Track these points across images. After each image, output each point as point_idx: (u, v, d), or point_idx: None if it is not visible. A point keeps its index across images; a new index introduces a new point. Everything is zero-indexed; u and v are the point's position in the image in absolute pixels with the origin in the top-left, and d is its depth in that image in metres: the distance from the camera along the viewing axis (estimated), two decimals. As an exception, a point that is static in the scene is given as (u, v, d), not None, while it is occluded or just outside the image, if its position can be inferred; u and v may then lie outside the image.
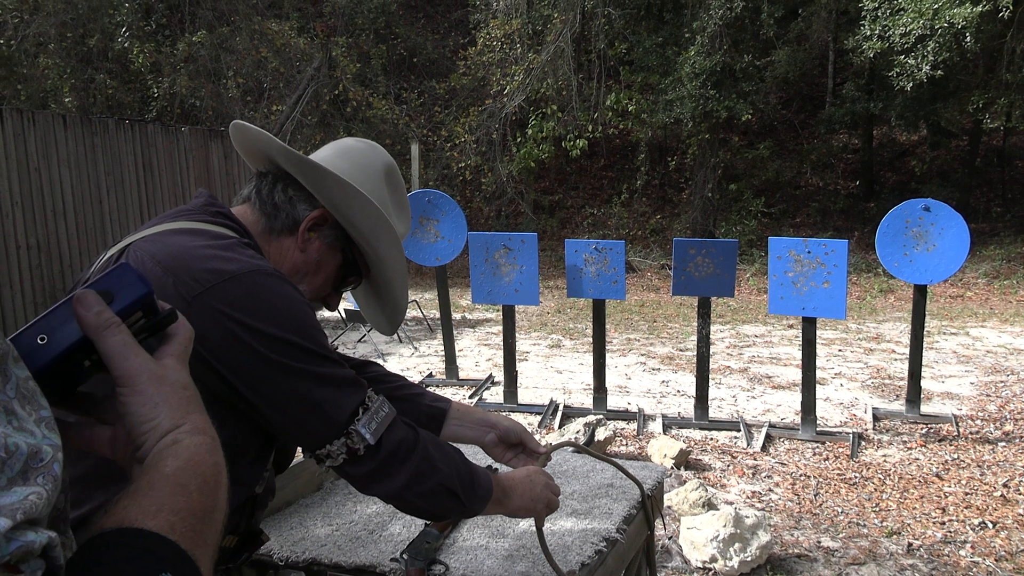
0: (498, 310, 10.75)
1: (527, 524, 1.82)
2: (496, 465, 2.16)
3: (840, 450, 5.39)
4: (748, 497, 4.64)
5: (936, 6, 12.00)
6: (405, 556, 1.61)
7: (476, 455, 1.93)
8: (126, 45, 16.08)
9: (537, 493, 1.55)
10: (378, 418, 1.29)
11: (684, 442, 5.37)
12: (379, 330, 1.71)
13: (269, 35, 16.33)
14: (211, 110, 16.26)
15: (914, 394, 5.90)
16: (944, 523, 4.24)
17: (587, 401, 6.49)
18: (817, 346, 5.69)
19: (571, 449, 2.48)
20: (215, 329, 1.17)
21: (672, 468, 4.97)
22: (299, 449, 1.47)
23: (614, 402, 6.49)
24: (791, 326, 9.94)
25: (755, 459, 5.26)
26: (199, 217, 1.33)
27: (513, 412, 6.29)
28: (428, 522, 1.74)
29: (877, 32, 13.13)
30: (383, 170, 1.55)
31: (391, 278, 1.55)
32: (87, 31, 15.98)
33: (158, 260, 1.20)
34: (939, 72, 12.80)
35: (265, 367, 1.20)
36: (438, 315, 8.04)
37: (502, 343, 6.46)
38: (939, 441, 5.55)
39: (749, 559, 3.62)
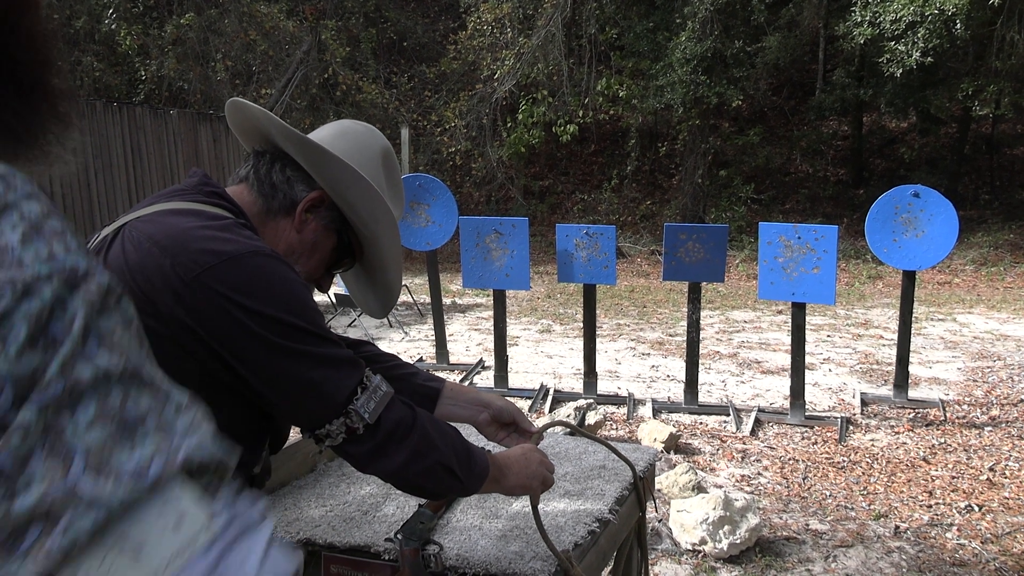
0: (488, 295, 10.75)
1: (520, 505, 1.83)
2: (490, 446, 2.17)
3: (828, 434, 5.43)
4: (737, 481, 4.67)
5: (927, -7, 12.02)
6: (399, 536, 1.62)
7: (469, 435, 1.93)
8: (113, 27, 15.92)
9: (533, 470, 1.56)
10: (376, 397, 1.30)
11: (674, 426, 5.40)
12: (370, 313, 1.71)
13: (258, 17, 16.20)
14: (199, 93, 16.14)
15: (902, 379, 5.95)
16: (931, 506, 4.28)
17: (577, 386, 6.51)
18: (806, 332, 5.72)
19: (564, 430, 2.49)
20: (213, 311, 1.17)
21: (662, 452, 5.00)
22: (293, 429, 1.47)
23: (604, 386, 6.51)
24: (780, 312, 9.98)
25: (744, 443, 5.29)
26: (194, 197, 1.33)
27: (504, 396, 6.29)
28: (422, 503, 1.75)
29: (868, 18, 13.13)
30: (381, 153, 1.54)
31: (386, 261, 1.55)
32: (73, 12, 15.80)
33: (155, 240, 1.20)
34: (929, 59, 12.83)
35: (264, 348, 1.20)
36: (428, 300, 8.04)
37: (492, 328, 6.47)
38: (926, 426, 5.59)
39: (738, 541, 3.65)
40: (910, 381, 6.17)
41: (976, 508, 4.25)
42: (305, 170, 1.42)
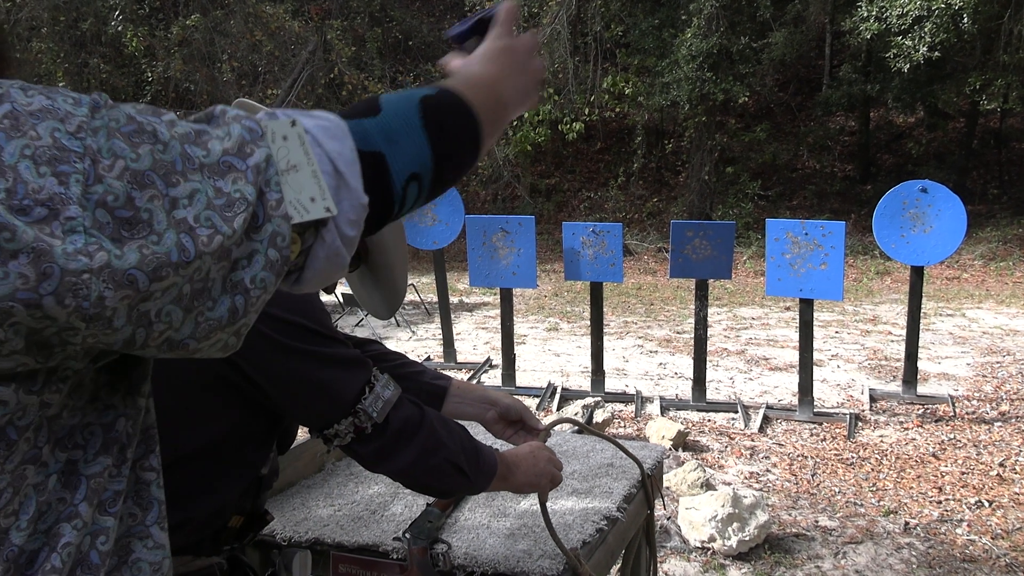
0: (496, 294, 10.75)
1: (528, 503, 1.83)
2: (498, 444, 2.17)
3: (837, 431, 5.41)
4: (746, 478, 4.67)
5: (934, -13, 11.97)
6: (407, 535, 1.62)
7: (476, 433, 1.93)
8: (119, 29, 15.95)
9: (541, 468, 1.55)
10: (384, 396, 1.30)
11: (682, 424, 5.40)
12: (375, 315, 1.70)
13: (263, 18, 16.21)
14: (206, 94, 16.16)
15: (911, 375, 5.93)
16: (941, 502, 4.27)
17: (585, 383, 6.51)
18: (814, 328, 5.71)
19: (572, 428, 2.49)
20: None
21: (670, 449, 4.99)
22: (300, 429, 1.47)
23: (612, 384, 6.50)
24: (788, 308, 9.96)
25: (753, 440, 5.28)
26: None
27: (511, 395, 6.29)
28: (430, 502, 1.75)
29: (874, 13, 13.08)
30: None
31: (393, 262, 1.54)
32: (80, 15, 15.84)
33: None
34: (936, 53, 12.77)
35: (273, 349, 1.21)
36: (435, 299, 8.05)
37: (500, 326, 6.47)
38: (935, 421, 5.58)
39: (747, 539, 3.64)
40: (919, 377, 6.15)
41: (986, 504, 4.23)
42: None
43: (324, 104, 16.59)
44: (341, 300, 9.28)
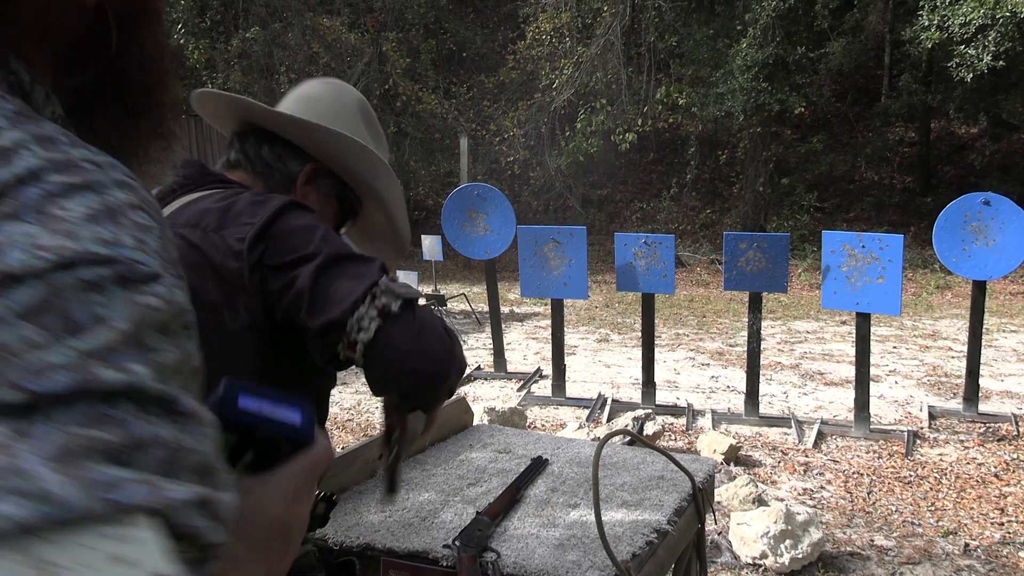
0: (546, 304, 10.75)
1: (578, 514, 1.83)
2: (547, 456, 2.17)
3: (894, 448, 5.29)
4: (799, 494, 4.59)
5: (998, -5, 11.69)
6: (457, 543, 1.63)
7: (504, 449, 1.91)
8: (181, 42, 16.39)
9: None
10: (401, 284, 1.20)
11: (734, 438, 5.32)
12: (385, 258, 1.60)
13: (320, 31, 16.52)
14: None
15: (972, 392, 5.77)
16: (1003, 524, 4.14)
17: (635, 395, 6.47)
18: (871, 343, 5.59)
19: (623, 440, 2.48)
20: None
21: (722, 464, 4.93)
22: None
23: (663, 397, 6.45)
24: (844, 322, 9.78)
25: (806, 456, 5.19)
26: (211, 186, 1.35)
27: (561, 405, 6.29)
28: (479, 510, 1.76)
29: (936, 22, 12.82)
30: (357, 108, 1.55)
31: (393, 212, 1.54)
32: (144, 28, 16.32)
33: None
34: (1001, 62, 12.46)
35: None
36: (486, 308, 8.07)
37: (550, 336, 6.46)
38: (998, 440, 5.42)
39: (800, 556, 3.58)
40: (981, 394, 5.99)
41: (1051, 527, 4.10)
42: (292, 144, 1.43)
43: (378, 114, 16.81)
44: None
